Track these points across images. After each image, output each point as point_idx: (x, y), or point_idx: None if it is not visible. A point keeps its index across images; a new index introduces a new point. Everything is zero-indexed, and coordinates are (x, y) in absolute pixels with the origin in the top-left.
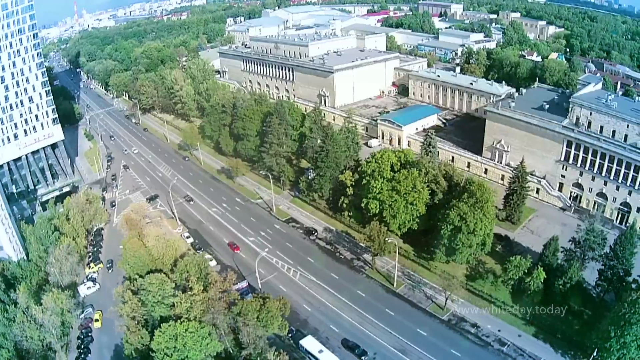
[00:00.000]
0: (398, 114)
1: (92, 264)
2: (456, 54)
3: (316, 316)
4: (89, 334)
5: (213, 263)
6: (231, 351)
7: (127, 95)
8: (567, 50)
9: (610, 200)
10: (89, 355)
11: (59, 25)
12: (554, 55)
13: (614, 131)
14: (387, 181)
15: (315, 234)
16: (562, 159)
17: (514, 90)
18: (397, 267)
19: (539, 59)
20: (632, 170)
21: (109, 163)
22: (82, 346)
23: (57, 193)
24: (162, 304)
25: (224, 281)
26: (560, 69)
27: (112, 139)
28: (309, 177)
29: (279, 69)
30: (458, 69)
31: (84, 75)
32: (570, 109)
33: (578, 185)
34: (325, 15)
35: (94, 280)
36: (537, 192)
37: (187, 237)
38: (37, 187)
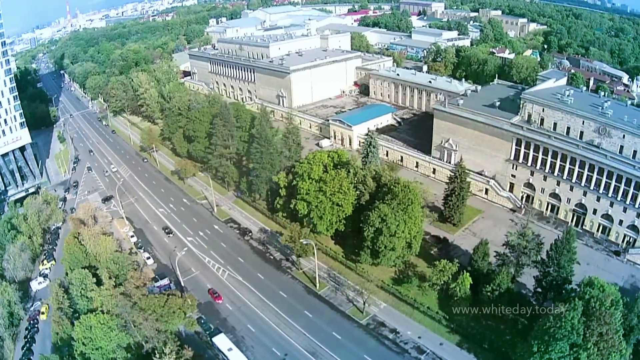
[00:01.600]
0: (351, 113)
1: (45, 261)
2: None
3: (236, 315)
4: (36, 325)
5: (150, 261)
6: (142, 344)
7: (102, 98)
8: (545, 47)
9: (564, 201)
10: (34, 344)
11: (53, 25)
12: (528, 52)
13: (568, 128)
14: (316, 182)
15: (250, 234)
16: (512, 158)
17: (474, 87)
18: (324, 268)
19: (510, 55)
20: (586, 169)
21: (75, 165)
22: (29, 336)
23: (24, 194)
24: (84, 297)
25: (139, 278)
26: (528, 66)
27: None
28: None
29: (241, 70)
30: (425, 67)
31: (67, 77)
32: (521, 106)
33: (529, 185)
34: (302, 15)
35: (45, 276)
36: (486, 192)
37: (132, 237)
38: (7, 188)
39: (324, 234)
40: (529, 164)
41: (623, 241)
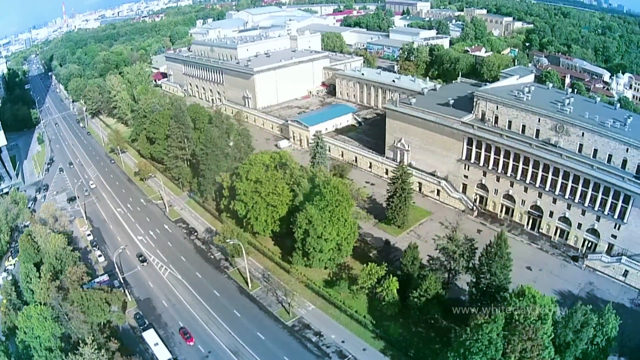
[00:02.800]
0: (310, 114)
1: (10, 258)
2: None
3: (170, 312)
4: None
5: (102, 259)
6: (71, 334)
7: (83, 100)
8: (527, 45)
9: (519, 203)
10: None
11: (49, 25)
12: (507, 51)
13: (523, 126)
14: (253, 183)
15: (196, 234)
16: (464, 157)
17: (432, 85)
18: (260, 269)
19: (488, 54)
20: (541, 169)
21: (48, 166)
22: None
23: None
24: (29, 289)
25: (75, 273)
26: (500, 64)
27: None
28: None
29: (211, 72)
30: (397, 67)
31: (54, 79)
32: (474, 104)
33: (483, 186)
34: (285, 16)
35: (9, 271)
36: (438, 193)
37: (88, 235)
38: None
39: (262, 235)
40: (481, 164)
41: (583, 246)
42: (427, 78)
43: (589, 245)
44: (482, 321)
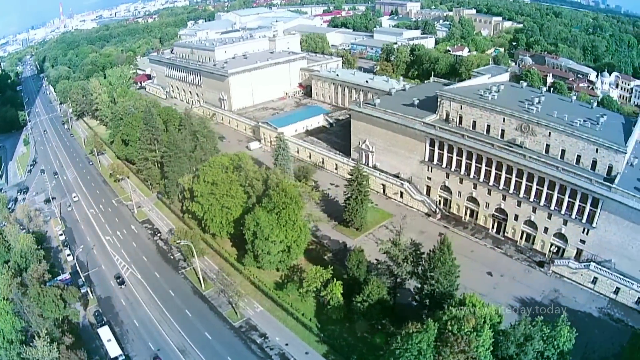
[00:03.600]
0: (282, 116)
1: None
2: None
3: (127, 310)
4: None
5: (70, 258)
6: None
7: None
8: (514, 44)
9: (483, 205)
10: None
11: (47, 26)
12: (491, 50)
13: (488, 126)
14: (211, 185)
15: (159, 235)
16: (427, 159)
17: (409, 86)
18: (216, 270)
19: (469, 53)
20: (504, 171)
21: (31, 167)
22: None
23: None
24: None
25: (36, 270)
26: (479, 63)
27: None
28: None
29: (190, 74)
30: (377, 67)
31: (45, 80)
32: (438, 104)
33: (446, 188)
34: (273, 17)
35: None
36: (401, 195)
37: (60, 235)
38: None
39: (219, 236)
40: (444, 165)
41: (550, 251)
42: (401, 79)
43: (556, 251)
44: (413, 330)
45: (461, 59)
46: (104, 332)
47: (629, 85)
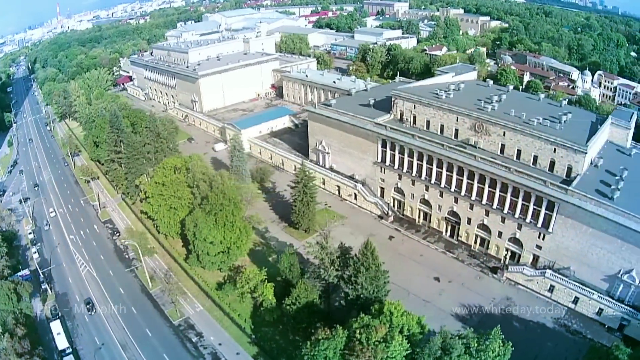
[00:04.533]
0: (247, 117)
1: None
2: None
3: (80, 307)
4: None
5: (36, 255)
6: None
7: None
8: (497, 43)
9: (435, 208)
10: None
11: (45, 26)
12: (471, 50)
13: (442, 126)
14: (161, 186)
15: (118, 234)
16: (379, 160)
17: (370, 86)
18: (165, 269)
19: (448, 53)
20: (455, 172)
21: (12, 168)
22: None
23: None
24: None
25: None
26: (454, 62)
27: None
28: None
29: (165, 76)
30: (352, 67)
31: (35, 82)
32: (392, 103)
33: (399, 190)
34: (260, 17)
35: None
36: (355, 197)
37: (30, 234)
38: None
39: (170, 236)
40: (396, 166)
41: (505, 256)
42: (368, 79)
43: (511, 256)
44: (322, 337)
45: (435, 59)
46: (55, 326)
47: (612, 84)
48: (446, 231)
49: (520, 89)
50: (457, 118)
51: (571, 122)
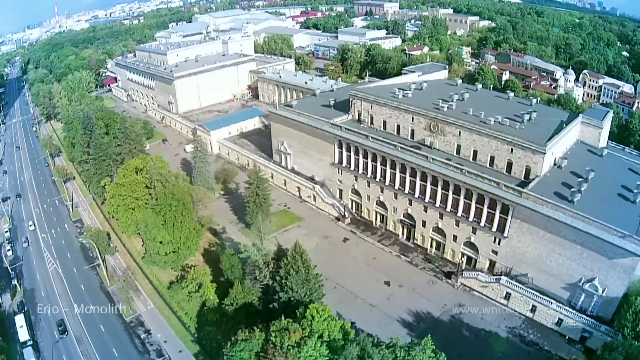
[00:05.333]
0: (217, 118)
1: None
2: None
3: (44, 301)
4: None
5: (10, 252)
6: None
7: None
8: (483, 43)
9: (391, 210)
10: None
11: (44, 25)
12: (454, 49)
13: (398, 126)
14: (121, 187)
15: (84, 234)
16: (336, 161)
17: (336, 86)
18: (123, 267)
19: (422, 52)
20: (408, 173)
21: None
22: None
23: None
24: None
25: None
26: (429, 61)
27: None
28: None
29: (146, 77)
30: (332, 68)
31: (26, 83)
32: (350, 104)
33: (356, 192)
34: (249, 18)
35: None
36: (314, 199)
37: (6, 232)
38: None
39: (130, 235)
40: (352, 168)
41: (461, 261)
42: (339, 79)
43: (468, 261)
44: (240, 338)
45: (412, 58)
46: (19, 320)
47: (597, 83)
48: (402, 234)
49: (491, 88)
50: (413, 118)
51: (536, 122)
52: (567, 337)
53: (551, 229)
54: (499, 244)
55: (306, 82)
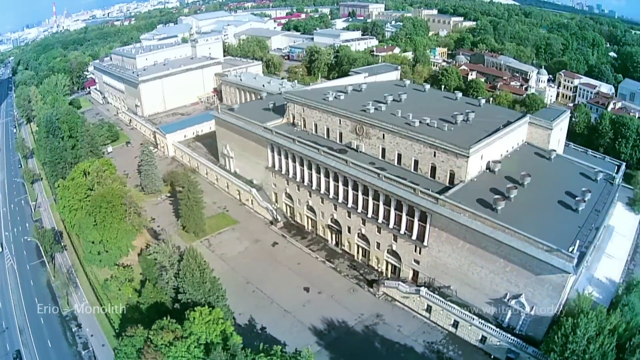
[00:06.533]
0: (175, 122)
1: None
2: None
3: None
4: None
5: None
6: None
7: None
8: (462, 43)
9: (319, 215)
10: None
11: (42, 25)
12: (428, 50)
13: (328, 129)
14: (67, 189)
15: None
16: (270, 165)
17: (284, 88)
18: (69, 265)
19: (407, 54)
20: (332, 178)
21: None
22: None
23: None
24: None
25: None
26: (393, 62)
27: None
28: None
29: (117, 80)
30: (300, 70)
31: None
32: (285, 107)
33: (289, 196)
34: (232, 20)
35: None
36: (252, 202)
37: None
38: None
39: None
40: (284, 172)
41: (385, 269)
42: (296, 82)
43: (393, 270)
44: (129, 334)
45: (377, 59)
46: None
47: (572, 83)
48: (331, 239)
49: (452, 89)
50: (340, 121)
51: (474, 123)
52: (492, 357)
53: (471, 239)
54: (420, 253)
55: (264, 85)
